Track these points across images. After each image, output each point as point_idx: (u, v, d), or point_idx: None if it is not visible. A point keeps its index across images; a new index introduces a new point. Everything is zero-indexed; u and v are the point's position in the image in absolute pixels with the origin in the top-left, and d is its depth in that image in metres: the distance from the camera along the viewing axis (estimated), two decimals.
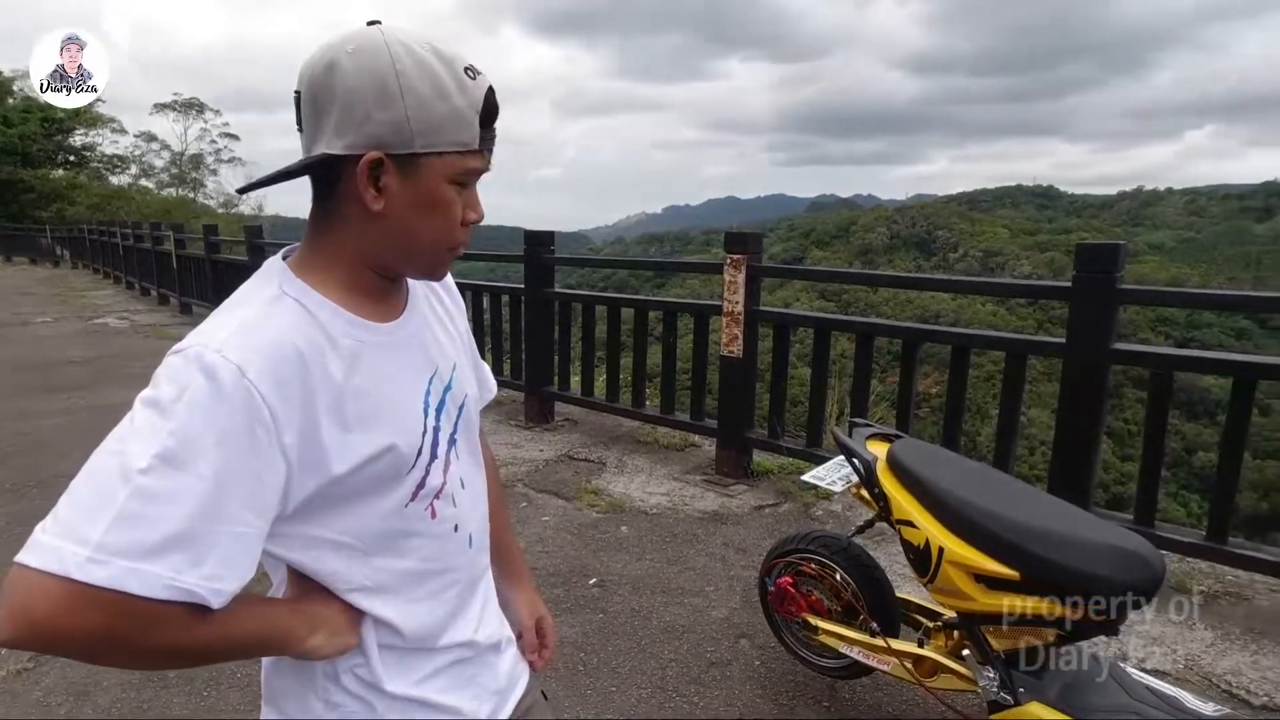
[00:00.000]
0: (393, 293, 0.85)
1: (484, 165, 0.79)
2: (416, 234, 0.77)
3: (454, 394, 0.89)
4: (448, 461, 0.86)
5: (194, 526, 0.62)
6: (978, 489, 1.69)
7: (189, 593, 0.62)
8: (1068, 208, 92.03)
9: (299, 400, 0.69)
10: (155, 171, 36.06)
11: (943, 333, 3.25)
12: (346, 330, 0.77)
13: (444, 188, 0.76)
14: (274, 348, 0.69)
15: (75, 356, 7.29)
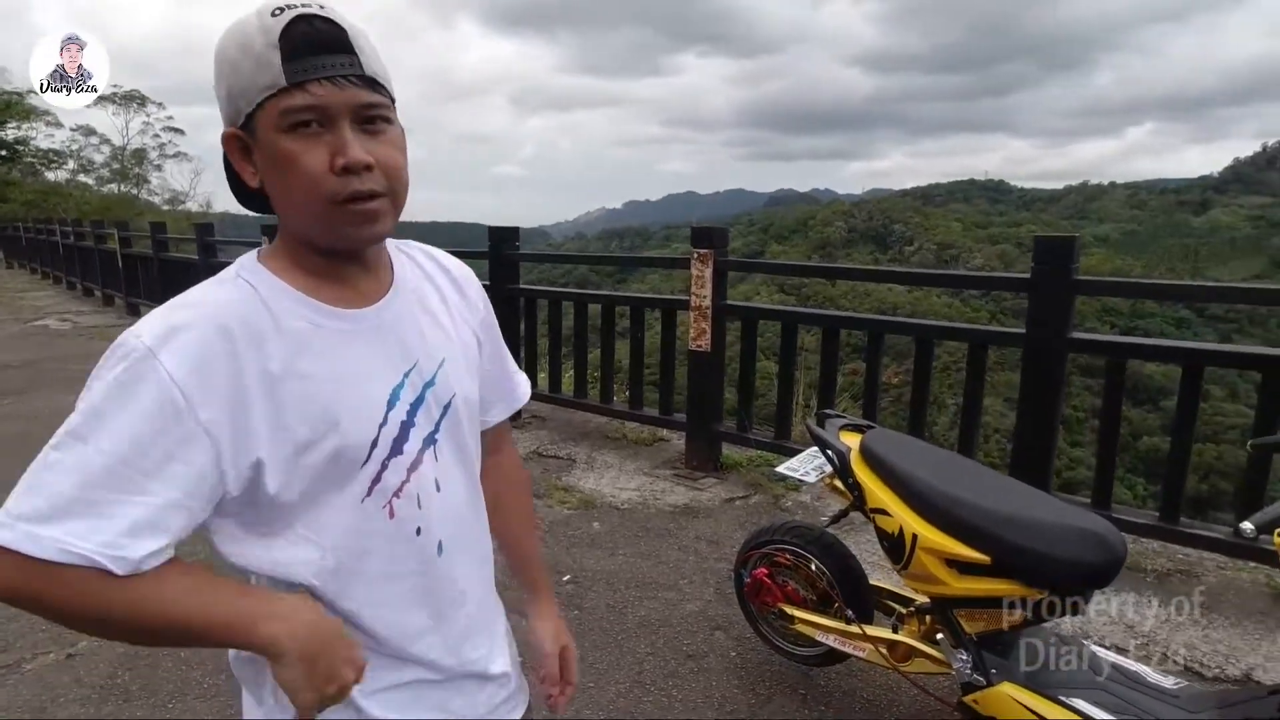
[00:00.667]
0: (358, 277, 0.81)
1: (318, 101, 0.69)
2: (286, 197, 0.74)
3: (437, 391, 0.85)
4: (416, 461, 0.82)
5: (91, 495, 0.64)
6: (949, 477, 1.73)
7: (84, 558, 0.64)
8: (1018, 201, 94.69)
9: (224, 378, 0.70)
10: (95, 167, 34.57)
11: (907, 324, 3.32)
12: (296, 312, 0.75)
13: (278, 139, 0.71)
14: (196, 328, 0.70)
15: (11, 360, 6.98)
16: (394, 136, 0.76)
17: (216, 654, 2.28)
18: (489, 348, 1.00)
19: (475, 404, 0.93)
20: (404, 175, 0.77)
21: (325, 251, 0.78)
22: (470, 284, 0.97)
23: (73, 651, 2.30)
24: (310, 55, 0.69)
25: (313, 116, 0.70)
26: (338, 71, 0.70)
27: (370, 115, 0.73)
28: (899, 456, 1.80)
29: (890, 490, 1.75)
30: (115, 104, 33.74)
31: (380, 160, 0.73)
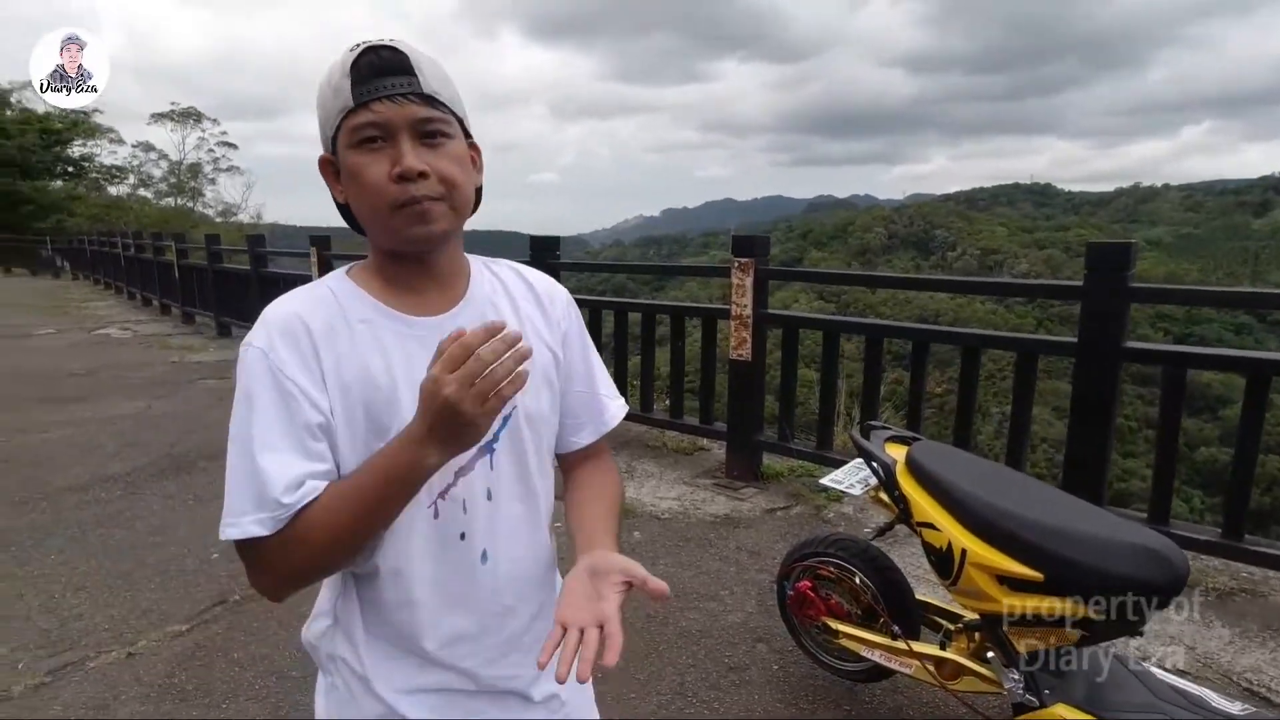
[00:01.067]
0: (429, 287, 0.87)
1: (379, 118, 0.78)
2: (359, 206, 0.82)
3: None
4: (467, 466, 0.85)
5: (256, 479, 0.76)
6: (998, 490, 1.69)
7: (274, 522, 0.76)
8: (1065, 205, 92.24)
9: (301, 354, 0.80)
10: (153, 181, 36.03)
11: (953, 333, 3.25)
12: (364, 313, 0.84)
13: (351, 156, 0.80)
14: (285, 326, 0.81)
15: (77, 368, 7.28)
16: (453, 149, 0.82)
17: (269, 656, 2.35)
18: (577, 367, 1.00)
19: (543, 420, 0.93)
20: (462, 184, 0.83)
21: (398, 259, 0.85)
22: (556, 301, 0.98)
23: (133, 650, 2.39)
24: (374, 79, 0.78)
25: (376, 132, 0.78)
26: (397, 90, 0.78)
27: (429, 130, 0.80)
28: (947, 469, 1.76)
29: (938, 504, 1.71)
30: (173, 120, 35.15)
31: (436, 169, 0.80)
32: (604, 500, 0.99)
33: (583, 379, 1.01)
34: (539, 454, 0.93)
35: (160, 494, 3.73)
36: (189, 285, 10.35)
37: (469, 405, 0.70)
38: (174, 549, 3.12)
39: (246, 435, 0.78)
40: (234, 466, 0.78)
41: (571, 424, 1.01)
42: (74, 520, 3.43)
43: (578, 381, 1.00)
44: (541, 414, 0.93)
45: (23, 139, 31.75)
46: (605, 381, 1.04)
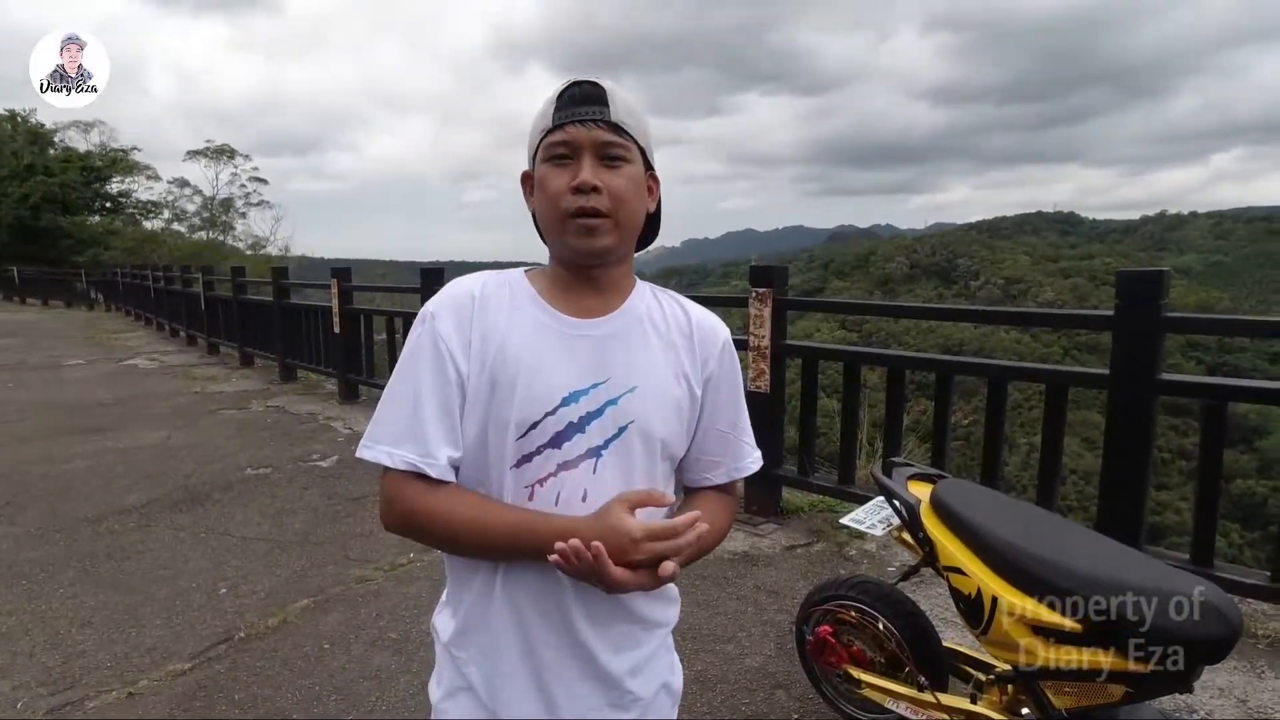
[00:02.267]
0: (588, 296, 0.95)
1: (569, 137, 0.89)
2: (540, 211, 0.94)
3: (617, 410, 0.92)
4: (571, 463, 0.90)
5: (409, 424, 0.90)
6: (1031, 532, 1.59)
7: (409, 463, 0.89)
8: (1090, 233, 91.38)
9: (462, 324, 0.92)
10: (187, 216, 36.97)
11: (980, 364, 3.15)
12: (522, 304, 0.94)
13: (542, 168, 0.92)
14: (454, 296, 0.94)
15: (105, 398, 7.38)
16: (629, 172, 0.92)
17: (271, 698, 2.28)
18: (723, 409, 1.03)
19: (661, 444, 0.96)
20: (630, 201, 0.92)
21: (566, 267, 0.95)
22: (708, 340, 1.01)
23: (134, 690, 2.33)
24: (572, 106, 0.90)
25: (565, 150, 0.90)
26: (588, 116, 0.90)
27: (611, 153, 0.90)
28: (975, 510, 1.66)
29: (966, 547, 1.62)
30: (207, 157, 36.18)
31: (609, 187, 0.89)
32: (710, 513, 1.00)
33: (728, 422, 1.04)
34: (649, 475, 0.96)
35: (173, 526, 3.71)
36: (215, 317, 10.51)
37: (629, 566, 0.83)
38: (183, 583, 3.08)
39: (413, 384, 0.91)
40: (393, 402, 0.92)
41: (707, 460, 1.05)
42: (87, 552, 3.41)
43: (722, 422, 1.04)
44: (660, 437, 0.96)
45: (64, 176, 32.89)
46: (748, 431, 1.08)
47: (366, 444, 0.92)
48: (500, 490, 0.91)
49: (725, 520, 1.07)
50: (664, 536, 0.85)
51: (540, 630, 0.94)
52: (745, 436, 1.07)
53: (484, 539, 0.90)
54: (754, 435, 1.09)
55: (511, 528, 0.88)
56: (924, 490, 1.82)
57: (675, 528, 0.86)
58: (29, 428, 6.06)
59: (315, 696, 2.26)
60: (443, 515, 0.90)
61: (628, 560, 0.83)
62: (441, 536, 0.92)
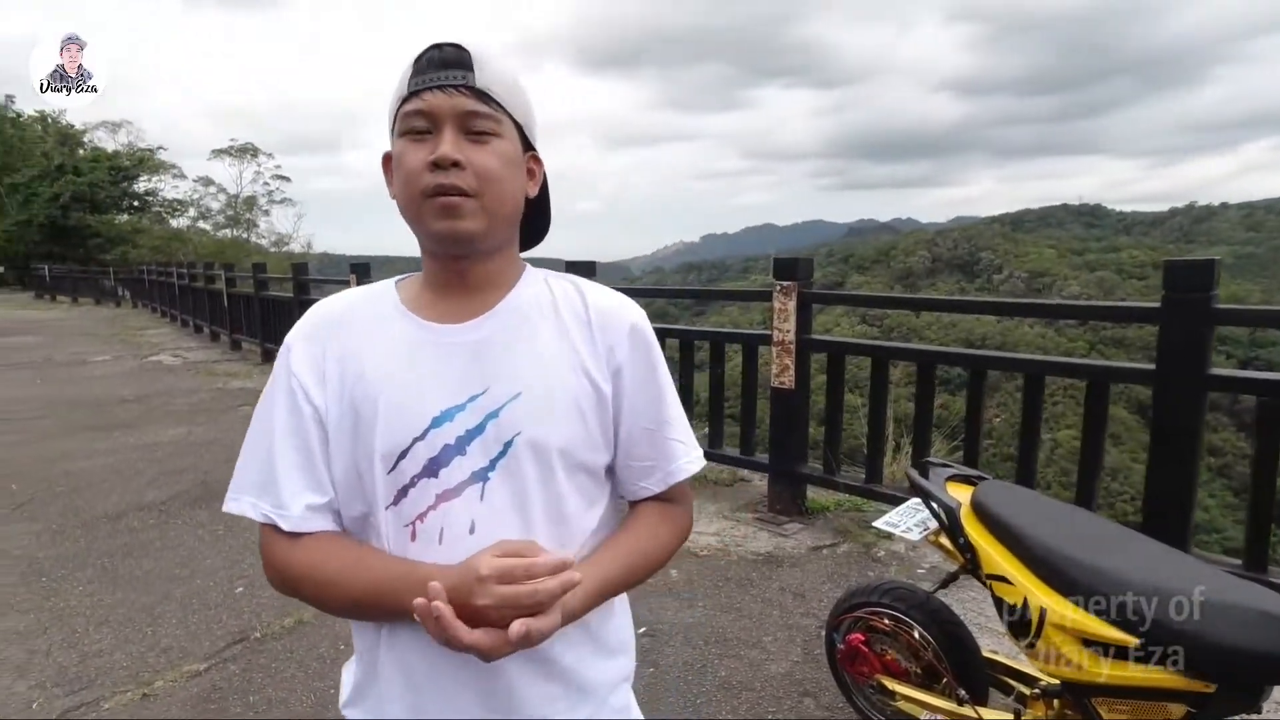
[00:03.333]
0: (465, 296, 0.83)
1: (426, 106, 0.77)
2: (399, 196, 0.81)
3: (500, 424, 0.79)
4: (452, 491, 0.78)
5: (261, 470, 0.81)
6: (1082, 539, 1.49)
7: (265, 516, 0.80)
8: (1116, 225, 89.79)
9: (314, 357, 0.82)
10: (212, 214, 37.50)
11: (1015, 360, 3.02)
12: (383, 312, 0.84)
13: (397, 143, 0.80)
14: (309, 322, 0.85)
15: (127, 394, 7.44)
16: (498, 148, 0.79)
17: (285, 700, 2.23)
18: (637, 401, 0.87)
19: (563, 453, 0.81)
20: (499, 181, 0.79)
21: (435, 260, 0.84)
22: (611, 324, 0.86)
23: (149, 691, 2.30)
24: (430, 70, 0.78)
25: (423, 122, 0.77)
26: (449, 82, 0.77)
27: (477, 126, 0.78)
28: (1020, 514, 1.56)
29: (1011, 554, 1.52)
30: (231, 156, 36.62)
31: (474, 163, 0.77)
32: (630, 538, 0.88)
33: (649, 415, 0.88)
34: (551, 491, 0.81)
35: (191, 523, 3.69)
36: (236, 313, 10.59)
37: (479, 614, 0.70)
38: (199, 581, 3.05)
39: (266, 426, 0.82)
40: (249, 449, 0.83)
41: (639, 467, 0.90)
42: (105, 550, 3.40)
43: (642, 417, 0.88)
44: (557, 445, 0.81)
45: (93, 175, 33.46)
46: (679, 425, 0.91)
47: (231, 495, 0.82)
48: (382, 533, 0.79)
49: (664, 537, 0.90)
50: (519, 577, 0.70)
51: (433, 697, 0.80)
52: (674, 432, 0.90)
53: (350, 600, 0.78)
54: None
55: (374, 585, 0.76)
56: (964, 492, 1.72)
57: (532, 568, 0.71)
58: (52, 424, 6.12)
59: (330, 700, 2.21)
60: (306, 573, 0.79)
61: (475, 606, 0.69)
62: (311, 598, 0.81)
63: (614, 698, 0.90)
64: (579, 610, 0.77)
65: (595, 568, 0.81)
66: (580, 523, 0.85)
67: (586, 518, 0.86)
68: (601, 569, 0.81)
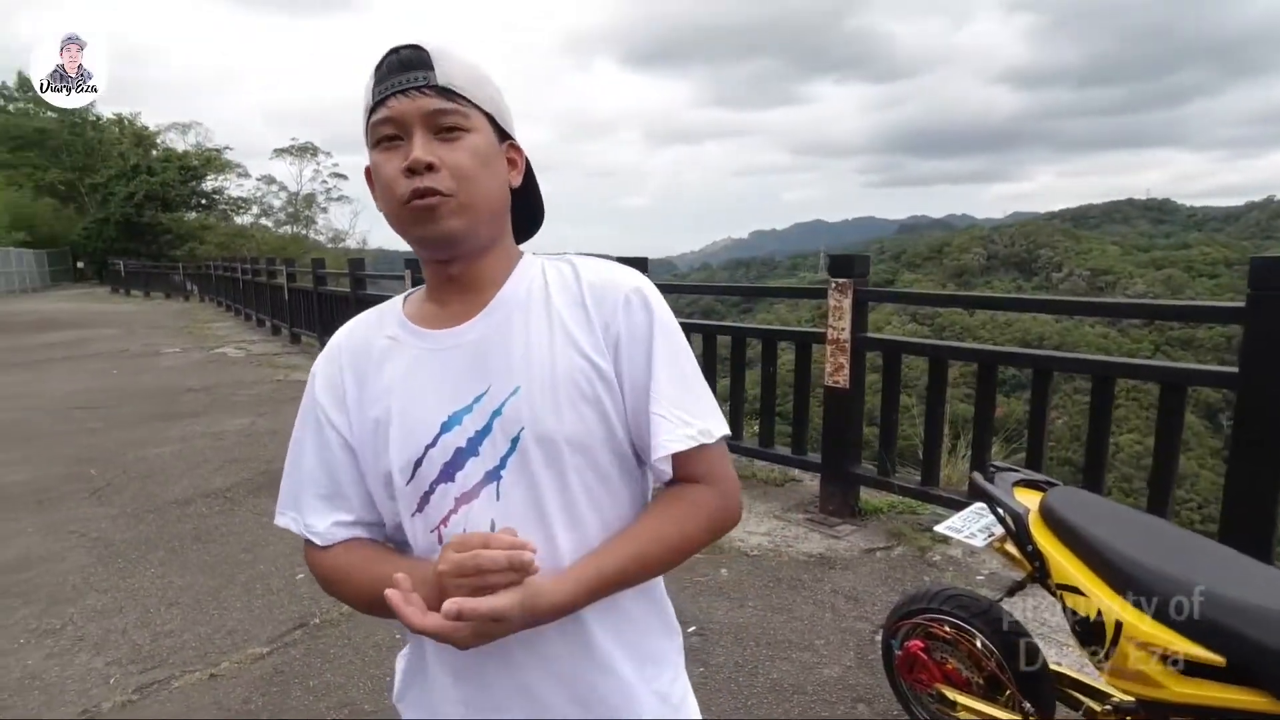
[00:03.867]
0: (461, 298, 0.83)
1: (392, 113, 0.76)
2: (383, 209, 0.81)
3: (505, 422, 0.77)
4: (470, 493, 0.77)
5: (293, 490, 0.87)
6: (1161, 549, 1.42)
7: (301, 531, 0.85)
8: (1186, 222, 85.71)
9: (335, 382, 0.85)
10: (274, 211, 38.84)
11: (1083, 361, 2.90)
12: (390, 330, 0.85)
13: (374, 155, 0.79)
14: (329, 349, 0.89)
15: (194, 385, 7.76)
16: (470, 143, 0.77)
17: (343, 686, 2.29)
18: (632, 374, 0.80)
19: (572, 445, 0.78)
20: (475, 177, 0.77)
21: (430, 266, 0.84)
22: (605, 299, 0.81)
23: (215, 672, 2.39)
24: (390, 75, 0.77)
25: (392, 130, 0.77)
26: (410, 84, 0.76)
27: (445, 124, 0.76)
28: (1094, 522, 1.49)
29: (1084, 564, 1.45)
30: (292, 155, 37.82)
31: (448, 162, 0.76)
32: (640, 526, 0.82)
33: (641, 386, 0.80)
34: (563, 483, 0.78)
35: (254, 510, 3.83)
36: (296, 307, 10.93)
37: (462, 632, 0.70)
38: (262, 567, 3.16)
39: (297, 451, 0.87)
40: (287, 469, 0.88)
41: (643, 444, 0.83)
42: (175, 534, 3.55)
43: (638, 390, 0.81)
44: (563, 436, 0.78)
45: (164, 175, 34.99)
46: (669, 398, 0.80)
47: (278, 509, 0.88)
48: (414, 541, 0.82)
49: (682, 521, 0.82)
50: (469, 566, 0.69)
51: (477, 688, 0.80)
52: (660, 406, 0.79)
53: (369, 600, 0.80)
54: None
55: (381, 584, 0.75)
56: (1032, 498, 1.65)
57: (488, 540, 0.70)
58: (127, 412, 6.42)
59: (386, 688, 2.26)
60: (335, 577, 0.85)
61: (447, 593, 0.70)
62: (343, 599, 0.87)
63: (671, 690, 0.89)
64: (576, 601, 0.75)
65: (594, 558, 0.78)
66: (606, 513, 0.81)
67: (614, 506, 0.82)
68: (598, 561, 0.77)
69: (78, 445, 5.28)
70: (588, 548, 0.79)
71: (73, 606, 2.84)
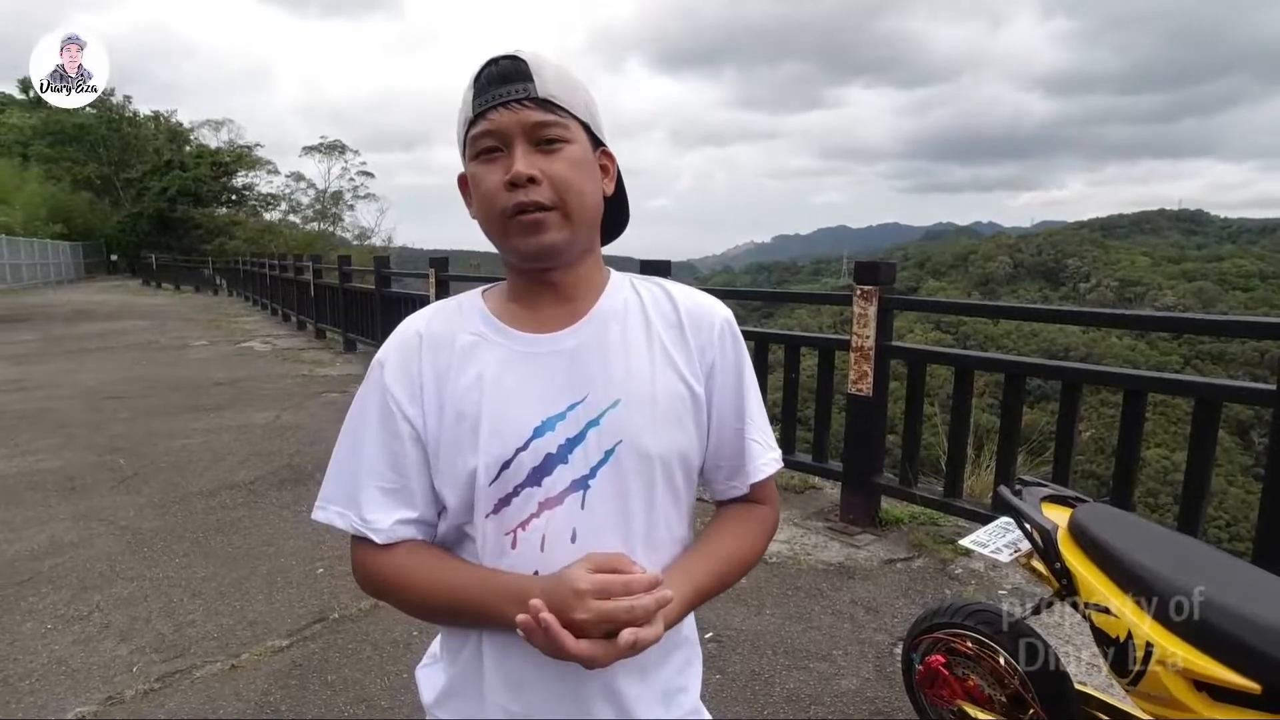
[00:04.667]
0: (550, 303, 0.84)
1: (493, 126, 0.77)
2: (479, 218, 0.81)
3: (601, 432, 0.80)
4: (555, 499, 0.79)
5: (350, 484, 0.83)
6: (1194, 570, 1.38)
7: (354, 528, 0.82)
8: (1219, 233, 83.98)
9: (410, 374, 0.82)
10: (302, 208, 39.41)
11: (1114, 374, 2.84)
12: (475, 329, 0.83)
13: (473, 167, 0.80)
14: (402, 338, 0.85)
15: (221, 378, 7.87)
16: (571, 154, 0.78)
17: (360, 681, 2.31)
18: (727, 404, 0.88)
19: (665, 462, 0.82)
20: (578, 188, 0.78)
21: (522, 275, 0.84)
22: (702, 324, 0.87)
23: (236, 663, 2.41)
24: (491, 87, 0.78)
25: (493, 141, 0.77)
26: (511, 97, 0.76)
27: (546, 136, 0.77)
28: (1125, 540, 1.46)
29: (1114, 584, 1.42)
30: (320, 153, 38.35)
31: (549, 175, 0.76)
32: (719, 544, 0.88)
33: (735, 415, 0.89)
34: (649, 500, 0.82)
35: (277, 503, 3.87)
36: (322, 303, 11.07)
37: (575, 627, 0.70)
38: (284, 560, 3.19)
39: (358, 441, 0.83)
40: (339, 460, 0.85)
41: (726, 468, 0.91)
42: (200, 525, 3.60)
43: (730, 418, 0.89)
44: (658, 453, 0.82)
45: (197, 171, 35.68)
46: (759, 427, 0.91)
47: (320, 504, 0.85)
48: (482, 541, 0.80)
49: (752, 539, 0.91)
50: (616, 593, 0.71)
51: (539, 697, 0.80)
52: (755, 433, 0.90)
53: (439, 607, 0.81)
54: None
55: (463, 593, 0.78)
56: (1061, 514, 1.62)
57: (629, 585, 0.71)
58: (155, 403, 6.53)
59: (402, 685, 2.27)
60: (397, 582, 0.81)
61: (573, 619, 0.70)
62: (400, 604, 0.84)
63: (689, 699, 0.92)
64: (675, 620, 0.78)
65: (686, 577, 0.81)
66: (675, 529, 0.86)
67: (680, 522, 0.88)
68: (693, 579, 0.82)
69: (108, 435, 5.38)
70: (661, 563, 0.83)
71: (100, 594, 2.90)
